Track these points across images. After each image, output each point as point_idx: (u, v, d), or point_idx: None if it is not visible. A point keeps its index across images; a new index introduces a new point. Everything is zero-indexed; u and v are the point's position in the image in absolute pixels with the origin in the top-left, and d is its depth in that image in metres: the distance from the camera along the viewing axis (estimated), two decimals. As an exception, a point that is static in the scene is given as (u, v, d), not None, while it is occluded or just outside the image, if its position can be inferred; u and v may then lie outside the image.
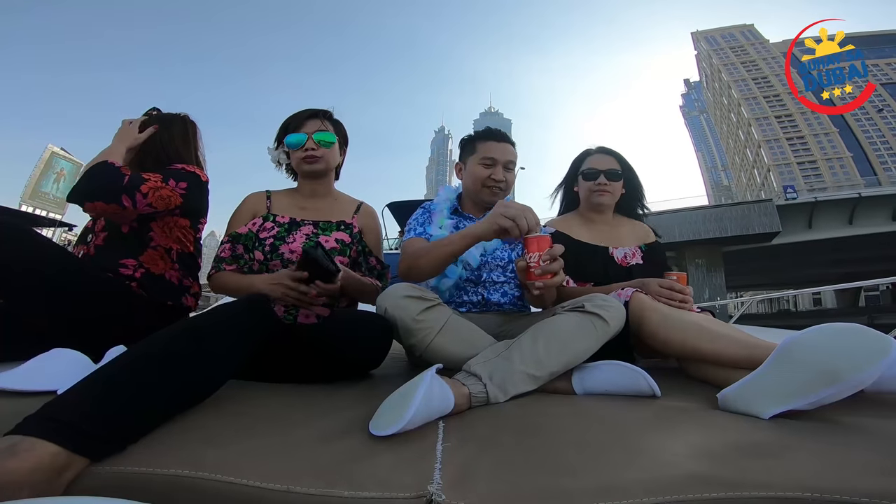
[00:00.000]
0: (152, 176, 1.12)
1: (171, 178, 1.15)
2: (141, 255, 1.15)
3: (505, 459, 0.58)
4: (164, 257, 1.19)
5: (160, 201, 1.12)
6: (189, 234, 1.26)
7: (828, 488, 0.48)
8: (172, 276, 1.20)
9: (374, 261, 1.28)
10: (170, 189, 1.14)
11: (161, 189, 1.12)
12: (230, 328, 0.75)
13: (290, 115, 1.27)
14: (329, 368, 0.96)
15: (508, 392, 0.81)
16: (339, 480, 0.52)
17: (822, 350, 0.68)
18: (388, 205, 3.01)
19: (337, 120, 1.31)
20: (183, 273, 1.24)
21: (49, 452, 0.50)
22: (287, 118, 1.27)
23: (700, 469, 0.53)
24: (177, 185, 1.15)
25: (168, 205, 1.14)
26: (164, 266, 1.19)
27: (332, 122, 1.28)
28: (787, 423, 0.67)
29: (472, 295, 1.25)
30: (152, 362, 0.64)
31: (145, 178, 1.10)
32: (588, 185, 1.41)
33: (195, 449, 0.58)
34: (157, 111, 1.34)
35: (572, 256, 1.21)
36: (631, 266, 1.36)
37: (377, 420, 0.66)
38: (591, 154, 1.47)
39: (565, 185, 1.54)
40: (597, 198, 1.40)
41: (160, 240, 1.19)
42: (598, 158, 1.44)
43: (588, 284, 1.35)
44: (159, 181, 1.12)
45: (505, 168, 1.25)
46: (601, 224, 1.43)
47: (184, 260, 1.24)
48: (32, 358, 0.81)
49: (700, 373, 0.96)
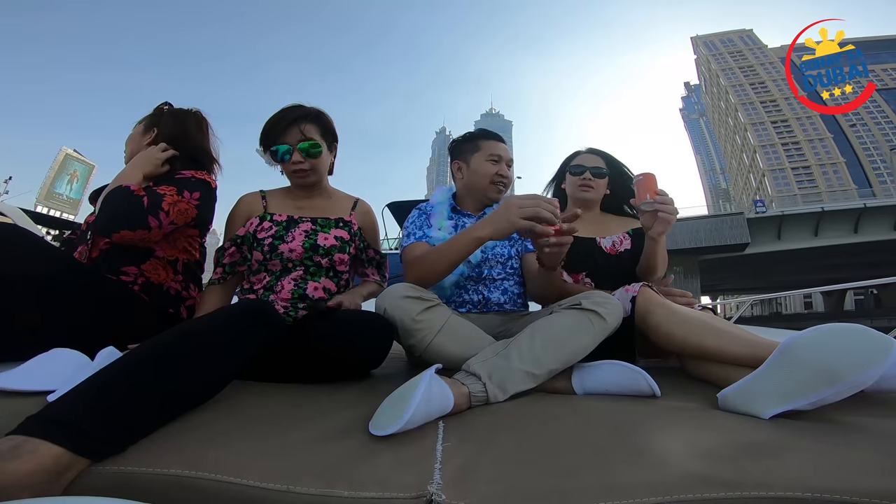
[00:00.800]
0: (167, 189, 1.10)
1: (184, 189, 1.13)
2: (143, 263, 1.13)
3: (505, 459, 0.58)
4: (167, 267, 1.17)
5: (180, 216, 1.11)
6: (196, 242, 1.25)
7: (828, 488, 0.48)
8: (173, 287, 1.19)
9: (372, 252, 1.29)
10: (186, 202, 1.12)
11: (179, 203, 1.10)
12: (232, 330, 0.75)
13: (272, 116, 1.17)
14: (329, 369, 0.96)
15: (508, 391, 0.81)
16: (339, 480, 0.52)
17: (822, 350, 0.67)
18: (388, 205, 3.01)
19: (324, 118, 1.22)
20: (185, 283, 1.22)
21: (52, 454, 0.50)
22: (268, 120, 1.17)
23: (700, 469, 0.52)
24: (191, 196, 1.14)
25: (186, 218, 1.13)
26: (166, 276, 1.17)
27: (316, 123, 1.19)
28: (787, 423, 0.67)
29: (473, 294, 1.25)
30: (153, 364, 0.64)
31: (161, 194, 1.08)
32: (574, 181, 1.46)
33: (195, 449, 0.58)
34: (168, 105, 1.32)
35: None
36: (620, 253, 1.37)
37: (377, 420, 0.66)
38: (581, 153, 1.53)
39: (555, 182, 1.59)
40: (581, 193, 1.44)
41: (163, 251, 1.17)
42: (586, 157, 1.50)
43: (581, 275, 1.37)
44: (174, 194, 1.10)
45: (507, 166, 1.31)
46: (589, 218, 1.45)
47: (189, 269, 1.24)
48: (31, 358, 0.81)
49: (701, 371, 0.96)
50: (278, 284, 1.13)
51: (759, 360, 0.76)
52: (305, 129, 1.16)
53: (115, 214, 1.04)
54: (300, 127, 1.15)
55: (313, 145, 1.16)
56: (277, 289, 1.12)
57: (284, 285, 1.12)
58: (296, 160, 1.15)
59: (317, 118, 1.20)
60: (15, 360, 0.82)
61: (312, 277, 1.14)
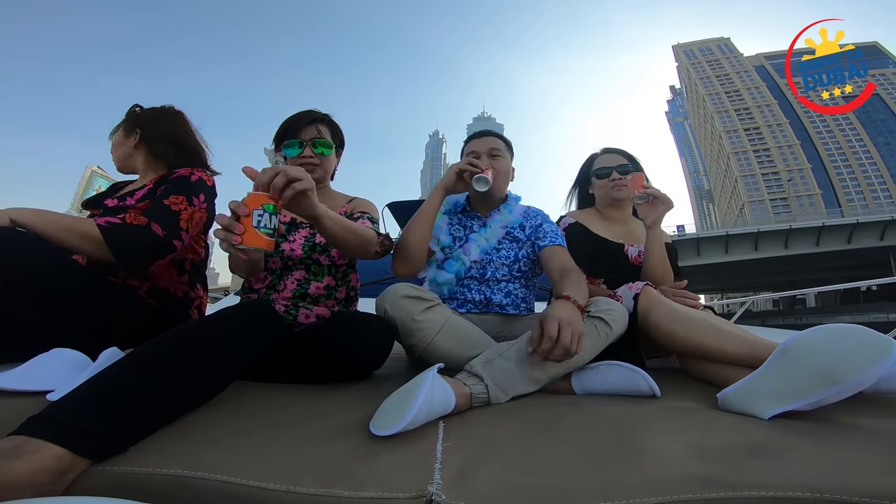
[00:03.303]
0: (174, 200, 1.09)
1: (191, 195, 1.13)
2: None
3: (505, 459, 0.58)
4: (171, 270, 1.17)
5: (195, 226, 1.12)
6: (201, 241, 1.26)
7: (828, 488, 0.48)
8: (178, 290, 1.19)
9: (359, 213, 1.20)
10: (197, 209, 1.13)
11: (194, 213, 1.11)
12: (233, 332, 0.75)
13: (289, 117, 1.24)
14: (330, 370, 0.96)
15: (509, 393, 0.81)
16: (338, 480, 0.52)
17: (822, 351, 0.68)
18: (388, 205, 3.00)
19: (335, 123, 1.29)
20: (191, 283, 1.22)
21: (54, 455, 0.50)
22: (285, 121, 1.24)
23: (700, 469, 0.53)
24: (199, 201, 1.14)
25: (200, 225, 1.15)
26: (170, 280, 1.17)
27: (329, 127, 1.26)
28: (787, 423, 0.67)
29: (476, 293, 1.25)
30: (154, 365, 0.64)
31: (175, 211, 1.07)
32: (603, 184, 1.47)
33: (196, 449, 0.58)
34: (139, 108, 1.29)
35: (590, 251, 1.35)
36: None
37: (378, 419, 0.66)
38: (599, 155, 1.54)
39: (578, 187, 1.61)
40: (615, 192, 1.44)
41: None
42: (606, 158, 1.51)
43: (599, 281, 1.37)
44: (185, 203, 1.10)
45: (490, 157, 1.30)
46: (619, 221, 1.48)
47: (196, 268, 1.24)
48: (31, 358, 0.81)
49: (701, 371, 0.96)
50: (281, 283, 1.13)
51: (759, 359, 0.76)
52: (320, 129, 1.22)
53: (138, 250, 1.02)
54: (316, 126, 1.21)
55: (326, 143, 1.22)
56: (280, 287, 1.13)
57: (287, 284, 1.13)
58: (307, 153, 1.20)
59: (330, 122, 1.27)
60: (15, 360, 0.82)
61: (315, 277, 1.15)
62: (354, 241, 0.97)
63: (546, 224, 1.30)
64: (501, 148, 1.32)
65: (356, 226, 0.99)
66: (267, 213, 0.74)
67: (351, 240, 0.96)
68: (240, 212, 0.72)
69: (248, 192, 0.76)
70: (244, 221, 0.73)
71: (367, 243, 1.01)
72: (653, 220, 1.27)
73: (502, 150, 1.32)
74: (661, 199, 1.26)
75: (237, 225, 0.72)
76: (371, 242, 1.03)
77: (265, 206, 0.74)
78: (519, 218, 1.32)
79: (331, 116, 1.28)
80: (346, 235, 0.94)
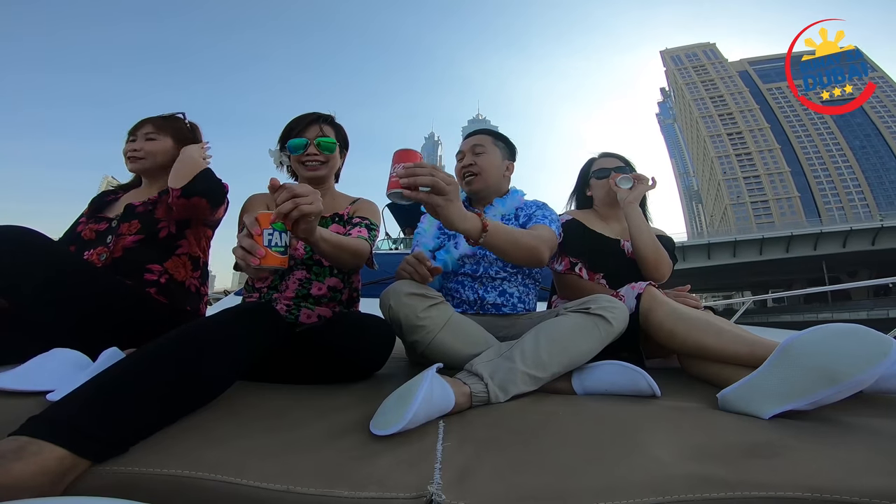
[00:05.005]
0: None
1: None
2: (166, 261, 1.17)
3: (505, 459, 0.58)
4: (186, 265, 1.21)
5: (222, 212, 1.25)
6: (208, 242, 1.30)
7: (828, 488, 0.48)
8: (192, 285, 1.22)
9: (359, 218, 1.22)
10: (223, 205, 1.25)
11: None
12: (234, 333, 0.75)
13: (294, 117, 1.27)
14: (331, 371, 0.96)
15: (509, 392, 0.81)
16: (338, 480, 0.52)
17: (822, 350, 0.68)
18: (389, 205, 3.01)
19: (339, 124, 1.32)
20: (200, 280, 1.26)
21: (56, 457, 0.50)
22: (291, 121, 1.27)
23: (700, 469, 0.53)
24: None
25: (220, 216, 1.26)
26: (185, 274, 1.21)
27: (333, 127, 1.29)
28: (787, 423, 0.67)
29: (469, 291, 1.24)
30: (155, 365, 0.64)
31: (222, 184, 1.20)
32: (602, 184, 1.51)
33: (196, 449, 0.58)
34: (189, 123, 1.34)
35: (587, 245, 1.40)
36: None
37: (378, 419, 0.66)
38: (597, 159, 1.60)
39: (577, 192, 1.66)
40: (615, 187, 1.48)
41: (188, 248, 1.22)
42: (604, 161, 1.57)
43: (598, 276, 1.38)
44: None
45: (473, 153, 1.33)
46: (615, 220, 1.52)
47: (203, 268, 1.27)
48: (31, 358, 0.81)
49: (701, 371, 0.96)
50: (283, 283, 1.14)
51: (759, 359, 0.76)
52: (324, 128, 1.26)
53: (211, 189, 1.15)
54: (320, 126, 1.25)
55: (330, 141, 1.25)
56: (282, 287, 1.13)
57: (289, 285, 1.13)
58: (311, 151, 1.23)
59: (334, 122, 1.30)
60: (15, 360, 0.82)
61: (317, 278, 1.15)
62: (348, 257, 1.01)
63: (540, 211, 1.28)
64: (486, 143, 1.34)
65: (349, 242, 1.02)
66: (277, 231, 0.76)
67: (345, 257, 1.00)
68: (252, 230, 0.75)
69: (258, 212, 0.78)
70: (257, 240, 0.75)
71: (359, 258, 1.06)
72: (632, 197, 1.37)
73: (487, 146, 1.33)
74: (640, 180, 1.40)
75: (258, 248, 0.74)
76: (363, 256, 1.07)
77: (274, 225, 0.76)
78: (513, 210, 1.32)
79: (334, 117, 1.30)
80: (341, 254, 0.98)
